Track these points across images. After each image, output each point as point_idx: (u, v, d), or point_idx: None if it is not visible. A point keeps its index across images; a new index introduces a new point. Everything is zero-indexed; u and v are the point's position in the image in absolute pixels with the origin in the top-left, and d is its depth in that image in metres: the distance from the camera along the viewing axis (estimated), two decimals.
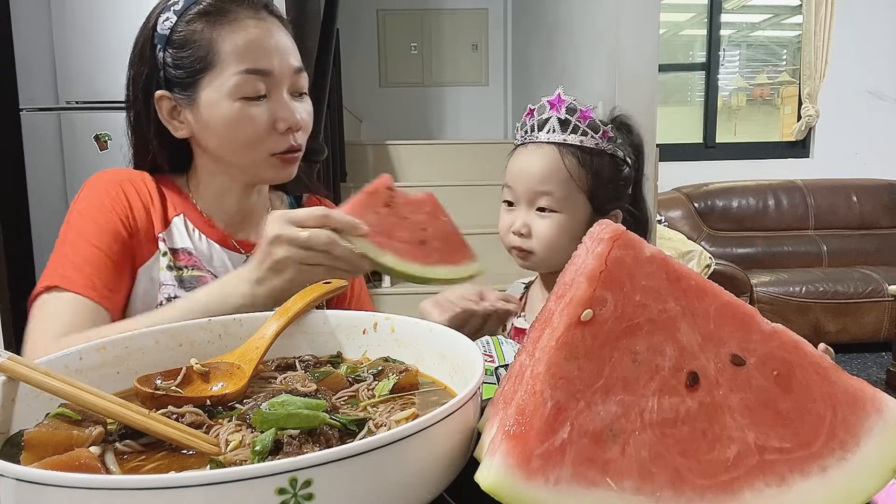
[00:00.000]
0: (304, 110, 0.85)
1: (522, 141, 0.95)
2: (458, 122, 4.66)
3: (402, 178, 3.64)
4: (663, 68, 3.31)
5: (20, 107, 2.27)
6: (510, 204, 0.95)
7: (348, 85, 3.92)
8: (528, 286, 1.09)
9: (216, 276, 0.84)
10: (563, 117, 0.90)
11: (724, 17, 4.12)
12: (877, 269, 3.37)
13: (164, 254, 0.83)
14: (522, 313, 1.05)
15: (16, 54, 2.26)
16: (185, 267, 0.84)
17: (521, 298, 1.09)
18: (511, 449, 0.32)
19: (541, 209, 0.91)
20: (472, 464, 0.36)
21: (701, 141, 4.19)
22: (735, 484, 0.32)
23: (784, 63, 4.38)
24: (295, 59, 0.83)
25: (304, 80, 0.85)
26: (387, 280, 2.88)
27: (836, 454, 0.32)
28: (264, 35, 0.80)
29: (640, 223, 0.97)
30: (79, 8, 2.22)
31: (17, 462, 0.35)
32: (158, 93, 0.81)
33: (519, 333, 1.00)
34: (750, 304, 0.49)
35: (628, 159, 0.94)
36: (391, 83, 4.63)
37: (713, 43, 4.10)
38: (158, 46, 0.80)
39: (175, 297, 0.79)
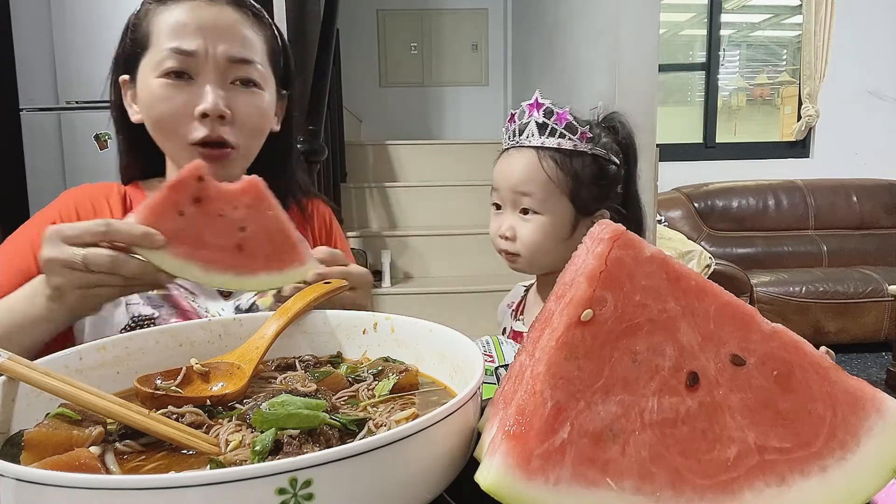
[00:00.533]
0: (246, 105, 0.79)
1: (506, 147, 0.96)
2: (458, 122, 4.66)
3: (402, 178, 3.65)
4: (663, 68, 3.31)
5: (20, 107, 2.27)
6: (498, 207, 0.97)
7: (348, 85, 3.93)
8: (528, 289, 1.09)
9: (188, 291, 0.81)
10: (540, 121, 0.91)
11: (724, 17, 4.12)
12: (877, 269, 3.37)
13: None
14: (521, 316, 1.05)
15: (16, 54, 2.26)
16: None
17: (520, 302, 1.09)
18: (511, 449, 0.32)
19: (524, 211, 0.92)
20: (472, 464, 0.36)
21: (701, 141, 4.20)
22: (735, 484, 0.32)
23: (784, 63, 4.38)
24: (239, 48, 0.78)
25: (250, 72, 0.79)
26: (387, 280, 2.88)
27: (836, 454, 0.32)
28: (199, 15, 0.77)
29: (630, 222, 0.97)
30: (79, 8, 2.22)
31: (17, 462, 0.35)
32: (122, 77, 0.82)
33: (516, 336, 1.00)
34: (750, 304, 0.49)
35: (613, 158, 0.94)
36: (391, 83, 4.63)
37: (713, 43, 4.10)
38: (128, 32, 0.81)
39: (141, 315, 0.77)
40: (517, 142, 0.93)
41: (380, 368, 0.50)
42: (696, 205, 3.80)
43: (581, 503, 0.31)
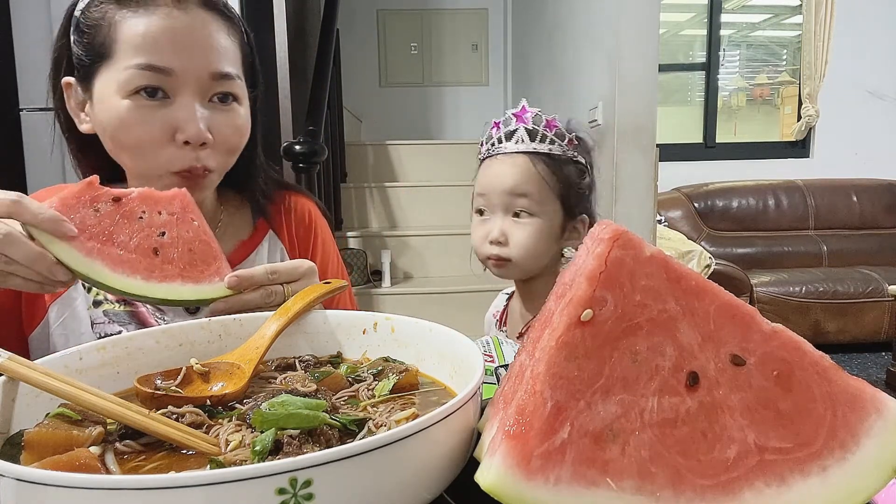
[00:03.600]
0: (225, 124, 0.72)
1: (489, 153, 0.97)
2: (458, 122, 4.67)
3: (402, 178, 3.65)
4: (663, 68, 3.31)
5: (20, 107, 2.27)
6: (481, 213, 0.97)
7: (348, 85, 3.93)
8: (510, 297, 1.09)
9: (156, 307, 0.75)
10: (530, 127, 0.93)
11: (724, 17, 4.12)
12: (877, 269, 3.38)
13: (90, 289, 0.75)
14: (504, 328, 1.05)
15: (16, 54, 2.26)
16: (108, 300, 0.75)
17: (503, 311, 1.08)
18: (511, 449, 0.32)
19: (517, 214, 0.93)
20: (472, 464, 0.36)
21: (701, 141, 4.20)
22: (735, 484, 0.32)
23: (784, 63, 4.38)
24: (219, 61, 0.71)
25: (231, 87, 0.72)
26: (387, 280, 2.88)
27: (836, 454, 0.32)
28: (175, 27, 0.68)
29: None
30: None
31: (17, 462, 0.35)
32: (65, 79, 0.73)
33: None
34: (750, 304, 0.49)
35: (589, 167, 0.97)
36: (391, 83, 4.63)
37: (713, 43, 4.11)
38: (71, 28, 0.72)
39: (107, 333, 0.73)
40: (504, 148, 0.94)
41: (380, 368, 0.50)
42: (696, 205, 3.80)
43: (581, 503, 0.31)
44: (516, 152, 0.93)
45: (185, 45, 0.69)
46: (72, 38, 0.72)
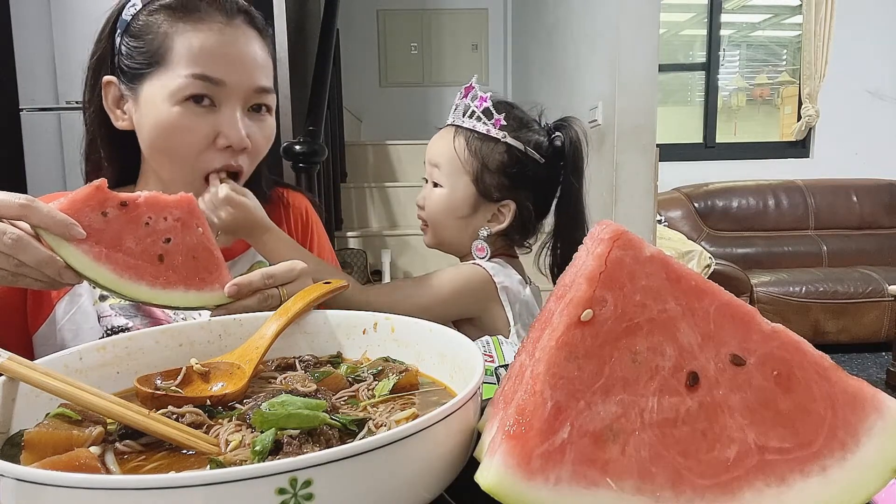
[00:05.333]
0: (259, 132, 0.78)
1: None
2: None
3: (402, 178, 3.64)
4: (663, 68, 3.31)
5: (20, 107, 2.28)
6: (427, 182, 1.02)
7: (348, 85, 3.93)
8: None
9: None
10: (468, 103, 0.96)
11: (724, 17, 4.13)
12: (877, 269, 3.38)
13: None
14: None
15: (16, 54, 2.26)
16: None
17: None
18: (511, 449, 0.32)
19: (435, 184, 0.98)
20: (472, 464, 0.36)
21: (701, 141, 4.20)
22: (735, 484, 0.32)
23: (784, 63, 4.38)
24: (262, 77, 0.77)
25: (267, 99, 0.79)
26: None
27: (836, 454, 0.32)
28: (227, 42, 0.74)
29: (563, 232, 0.98)
30: (79, 8, 2.22)
31: (17, 462, 0.35)
32: (106, 78, 0.77)
33: None
34: (750, 304, 0.49)
35: (533, 154, 0.95)
36: (391, 83, 4.63)
37: (713, 43, 4.11)
38: (118, 31, 0.76)
39: (114, 326, 0.75)
40: (446, 121, 1.00)
41: (380, 368, 0.50)
42: (696, 205, 3.80)
43: (581, 503, 0.31)
44: (451, 125, 0.97)
45: (236, 59, 0.74)
46: (119, 39, 0.76)
